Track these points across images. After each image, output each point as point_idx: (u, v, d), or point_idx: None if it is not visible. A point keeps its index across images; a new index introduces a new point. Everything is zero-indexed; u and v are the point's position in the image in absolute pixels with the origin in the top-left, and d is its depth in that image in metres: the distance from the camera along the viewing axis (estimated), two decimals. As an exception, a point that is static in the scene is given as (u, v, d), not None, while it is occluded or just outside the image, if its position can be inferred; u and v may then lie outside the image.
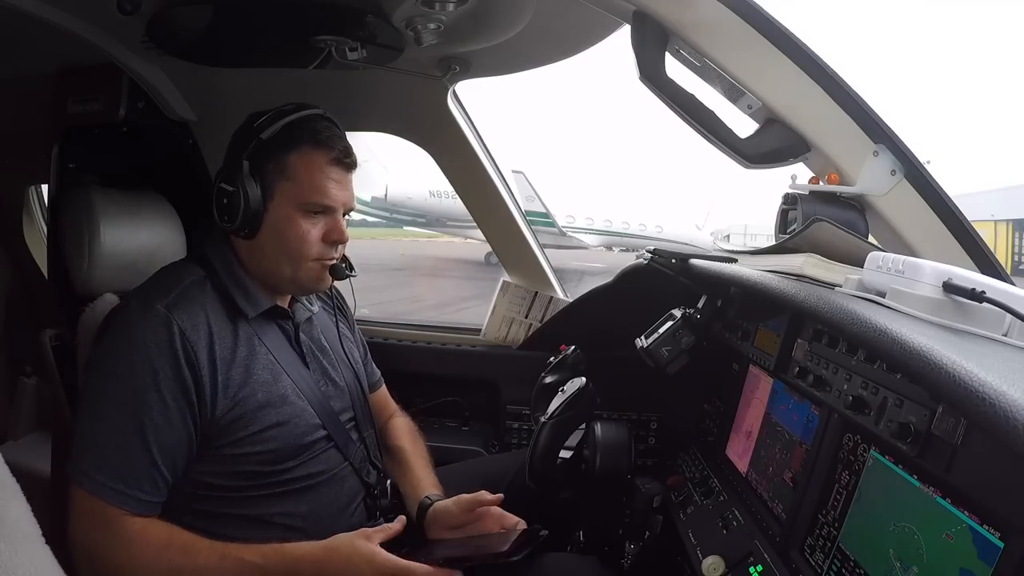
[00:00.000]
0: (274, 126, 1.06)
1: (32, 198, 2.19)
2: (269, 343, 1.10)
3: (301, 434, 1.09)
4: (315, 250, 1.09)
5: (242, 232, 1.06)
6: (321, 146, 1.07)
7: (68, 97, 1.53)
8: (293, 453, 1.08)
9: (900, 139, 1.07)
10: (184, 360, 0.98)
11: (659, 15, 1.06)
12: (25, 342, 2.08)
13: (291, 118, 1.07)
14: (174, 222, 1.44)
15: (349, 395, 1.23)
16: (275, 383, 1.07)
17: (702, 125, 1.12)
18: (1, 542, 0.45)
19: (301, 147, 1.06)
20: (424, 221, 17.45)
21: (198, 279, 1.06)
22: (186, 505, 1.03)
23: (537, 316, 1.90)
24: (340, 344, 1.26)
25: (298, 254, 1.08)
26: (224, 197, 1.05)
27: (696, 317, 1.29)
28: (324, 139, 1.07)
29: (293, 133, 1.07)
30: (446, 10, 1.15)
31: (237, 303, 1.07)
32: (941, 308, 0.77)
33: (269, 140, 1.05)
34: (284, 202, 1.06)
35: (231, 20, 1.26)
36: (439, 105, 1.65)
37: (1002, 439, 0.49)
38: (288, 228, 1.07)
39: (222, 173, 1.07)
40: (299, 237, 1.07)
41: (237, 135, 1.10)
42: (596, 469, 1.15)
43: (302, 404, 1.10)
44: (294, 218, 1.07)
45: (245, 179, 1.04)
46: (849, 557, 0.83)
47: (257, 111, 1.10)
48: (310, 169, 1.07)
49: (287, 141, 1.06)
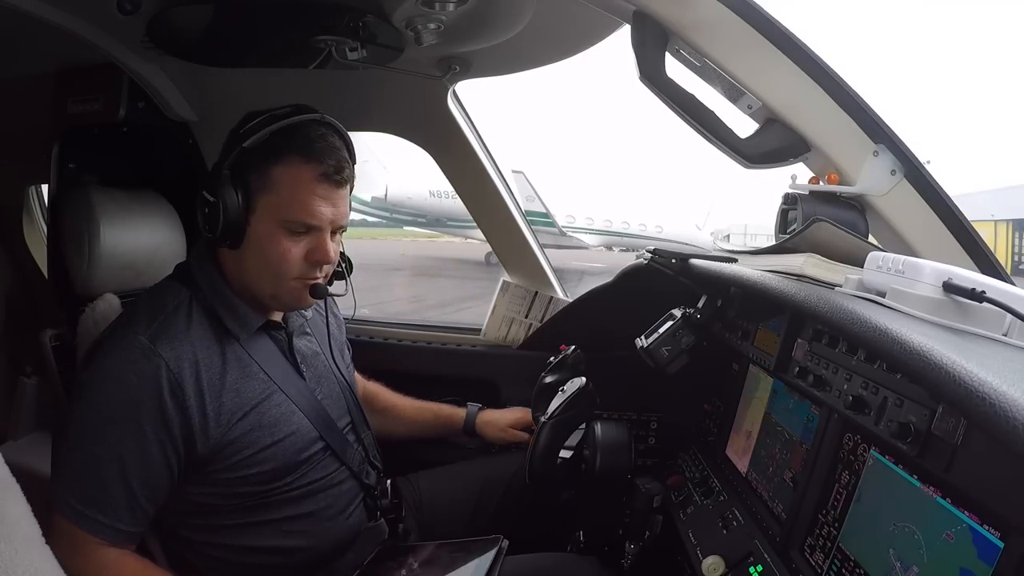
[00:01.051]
0: (261, 133, 0.99)
1: (32, 198, 2.18)
2: (261, 359, 1.06)
3: (298, 450, 1.07)
4: (296, 269, 1.03)
5: (224, 243, 1.02)
6: (310, 159, 0.99)
7: (68, 97, 1.53)
8: (291, 469, 1.07)
9: (900, 139, 1.07)
10: (168, 393, 0.95)
11: (659, 15, 1.06)
12: (25, 342, 2.08)
13: (282, 124, 0.99)
14: (174, 222, 1.44)
15: (344, 399, 1.22)
16: (268, 402, 1.05)
17: (702, 125, 1.12)
18: (1, 542, 0.45)
19: (287, 158, 0.99)
20: (424, 221, 17.44)
21: (182, 301, 1.03)
22: (181, 520, 1.03)
23: (537, 316, 1.90)
24: (330, 346, 1.25)
25: (278, 272, 1.02)
26: (205, 206, 1.00)
27: (696, 317, 1.29)
28: (315, 151, 1.00)
29: (281, 142, 0.99)
30: (446, 10, 1.15)
31: (226, 325, 1.04)
32: (941, 308, 0.77)
33: (252, 149, 0.98)
34: (266, 217, 1.00)
35: (231, 20, 1.26)
36: (439, 105, 1.65)
37: (1002, 439, 0.49)
38: (269, 245, 1.01)
39: (207, 180, 1.02)
40: (279, 256, 1.01)
41: (227, 139, 1.04)
42: (596, 469, 1.14)
43: (298, 419, 1.08)
44: (275, 235, 1.00)
45: (225, 190, 0.98)
46: (849, 557, 0.83)
47: (253, 111, 1.03)
48: (294, 184, 0.99)
49: (272, 151, 0.99)
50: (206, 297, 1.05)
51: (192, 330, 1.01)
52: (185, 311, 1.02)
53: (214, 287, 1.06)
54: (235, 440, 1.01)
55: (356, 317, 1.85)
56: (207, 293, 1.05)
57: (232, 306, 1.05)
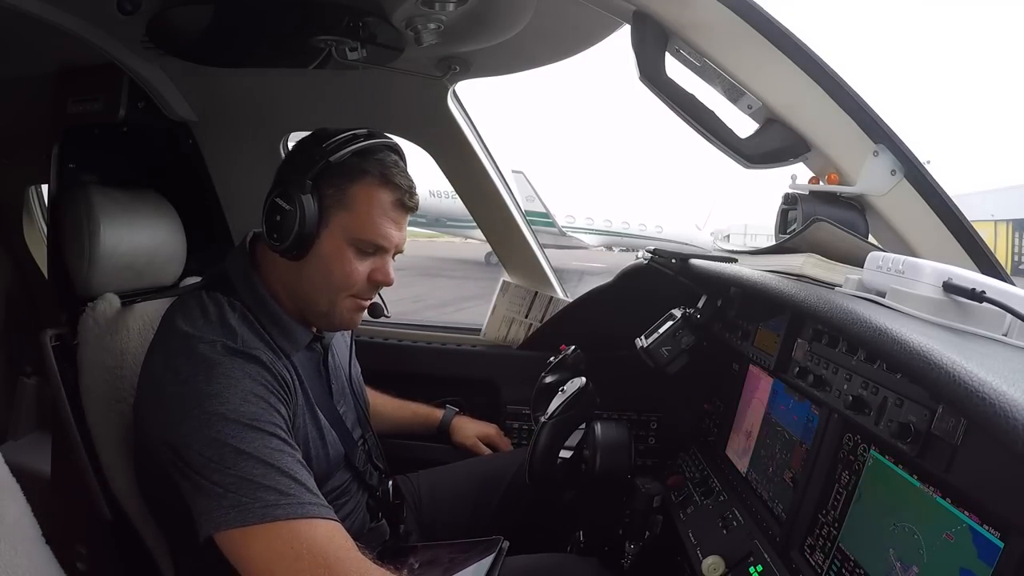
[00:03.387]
0: (344, 151, 0.99)
1: (32, 198, 2.18)
2: (305, 377, 1.04)
3: (328, 468, 1.05)
4: (356, 288, 1.03)
5: (290, 253, 0.99)
6: (387, 183, 1.01)
7: (68, 97, 1.53)
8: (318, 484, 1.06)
9: (900, 139, 1.07)
10: (277, 382, 0.94)
11: (659, 15, 1.06)
12: (25, 342, 2.08)
13: (362, 144, 1.00)
14: (174, 222, 1.44)
15: (357, 410, 1.22)
16: (312, 425, 1.03)
17: (702, 125, 1.12)
18: (1, 542, 0.46)
19: (367, 180, 1.00)
20: (424, 221, 17.44)
21: (243, 315, 0.98)
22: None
23: (537, 316, 1.90)
24: (349, 360, 1.25)
25: (339, 289, 1.02)
26: (277, 213, 0.97)
27: (696, 317, 1.29)
28: (392, 175, 1.01)
29: (362, 163, 1.00)
30: (446, 10, 1.14)
31: (276, 343, 1.00)
32: (941, 308, 0.77)
33: (336, 164, 0.98)
34: (337, 232, 1.00)
35: (231, 20, 1.26)
36: (439, 105, 1.65)
37: (1002, 439, 0.49)
38: (335, 261, 1.00)
39: (278, 187, 1.00)
40: (345, 274, 1.01)
41: (305, 148, 1.03)
42: (596, 469, 1.14)
43: (331, 438, 1.06)
44: (344, 252, 1.00)
45: (305, 200, 0.97)
46: (849, 557, 0.83)
47: (325, 128, 1.03)
48: (371, 205, 1.00)
49: (354, 170, 1.00)
50: (255, 317, 1.00)
51: (258, 339, 0.98)
52: (246, 322, 0.98)
53: (260, 301, 1.02)
54: None
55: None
56: (251, 305, 1.01)
57: (281, 322, 1.02)
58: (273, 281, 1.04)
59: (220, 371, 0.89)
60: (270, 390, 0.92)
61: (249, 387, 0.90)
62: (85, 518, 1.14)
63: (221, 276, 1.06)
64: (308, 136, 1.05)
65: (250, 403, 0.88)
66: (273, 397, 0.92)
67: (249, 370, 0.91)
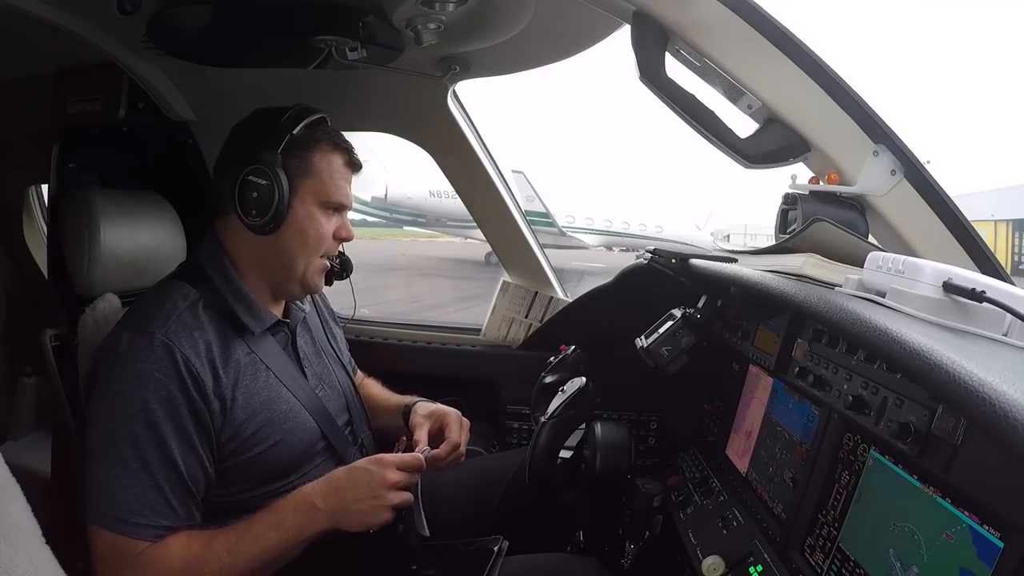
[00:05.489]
0: (300, 123, 1.08)
1: (32, 198, 2.18)
2: (267, 357, 1.09)
3: (304, 448, 1.09)
4: (326, 247, 1.12)
5: (268, 227, 1.05)
6: (337, 147, 1.12)
7: (68, 97, 1.53)
8: (294, 467, 1.08)
9: (900, 139, 1.07)
10: (192, 387, 0.96)
11: (659, 15, 1.06)
12: (25, 342, 2.08)
13: (312, 118, 1.10)
14: (174, 222, 1.44)
15: (344, 397, 1.23)
16: (276, 400, 1.07)
17: (702, 125, 1.12)
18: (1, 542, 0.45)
19: (322, 146, 1.10)
20: (424, 221, 17.46)
21: (194, 302, 1.04)
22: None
23: (537, 316, 1.90)
24: (330, 343, 1.27)
25: (314, 251, 1.11)
26: (254, 190, 1.04)
27: (696, 317, 1.29)
28: (339, 140, 1.13)
29: (315, 132, 1.10)
30: (446, 10, 1.15)
31: (241, 320, 1.06)
32: (941, 308, 0.77)
33: (298, 137, 1.07)
34: (307, 199, 1.09)
35: (231, 20, 1.26)
36: (439, 105, 1.65)
37: (1002, 439, 0.49)
38: (310, 224, 1.09)
39: (245, 167, 1.05)
40: (320, 235, 1.10)
41: (257, 130, 1.10)
42: (596, 469, 1.14)
43: (303, 416, 1.10)
44: (315, 215, 1.09)
45: (280, 173, 1.04)
46: (849, 557, 0.83)
47: (263, 107, 1.12)
48: (331, 169, 1.11)
49: (310, 140, 1.09)
50: (218, 294, 1.06)
51: (205, 329, 1.02)
52: (193, 311, 1.03)
53: (229, 281, 1.08)
54: (245, 440, 1.02)
55: (356, 317, 1.85)
56: (221, 288, 1.07)
57: (247, 300, 1.08)
58: (240, 261, 1.11)
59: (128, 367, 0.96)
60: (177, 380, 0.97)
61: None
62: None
63: (191, 265, 1.13)
64: (252, 117, 1.13)
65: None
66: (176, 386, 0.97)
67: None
